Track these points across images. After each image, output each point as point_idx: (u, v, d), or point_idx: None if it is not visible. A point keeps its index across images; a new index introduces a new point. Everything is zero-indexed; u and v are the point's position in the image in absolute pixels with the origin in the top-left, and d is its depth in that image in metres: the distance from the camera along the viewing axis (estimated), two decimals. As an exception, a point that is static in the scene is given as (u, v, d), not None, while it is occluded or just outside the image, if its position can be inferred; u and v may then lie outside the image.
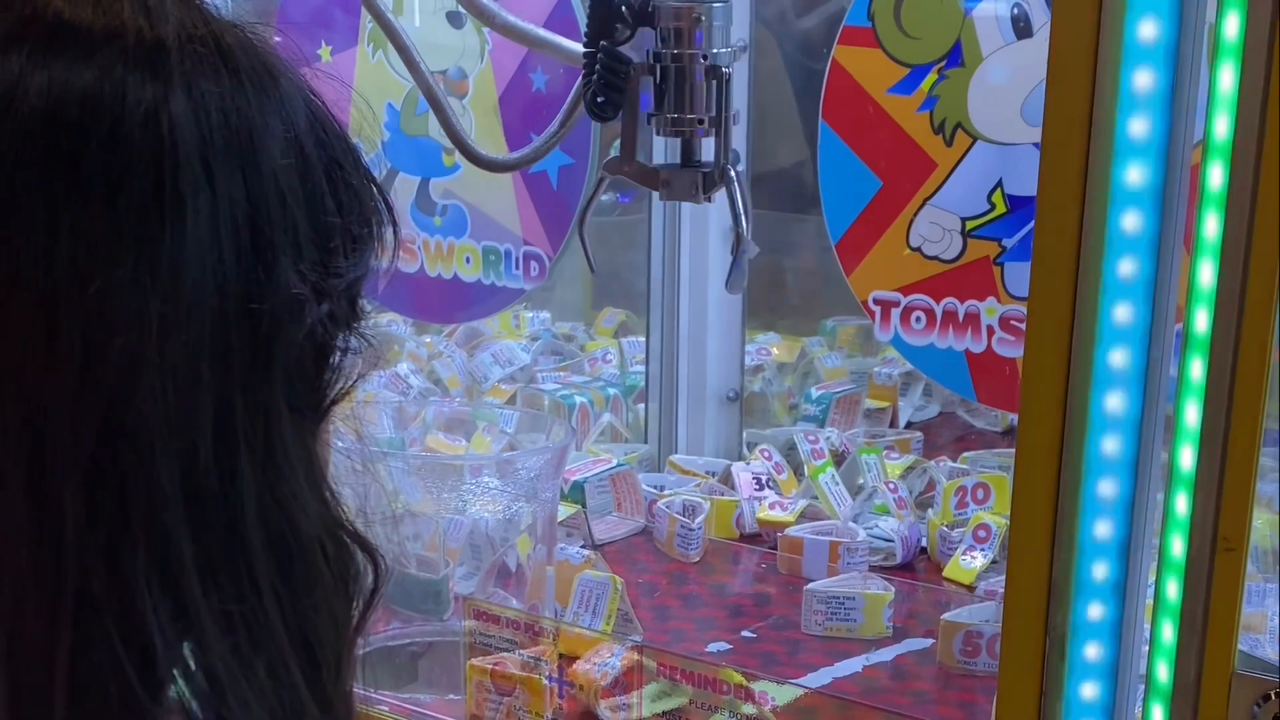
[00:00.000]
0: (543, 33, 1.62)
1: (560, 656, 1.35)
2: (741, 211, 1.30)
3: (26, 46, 0.56)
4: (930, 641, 1.51)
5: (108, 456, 0.56)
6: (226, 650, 0.60)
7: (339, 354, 0.64)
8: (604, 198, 1.44)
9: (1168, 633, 1.00)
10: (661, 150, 1.40)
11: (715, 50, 1.28)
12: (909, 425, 2.09)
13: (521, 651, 1.34)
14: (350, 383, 0.66)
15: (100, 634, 0.57)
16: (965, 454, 1.91)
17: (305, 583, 0.62)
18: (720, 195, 1.32)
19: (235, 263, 0.58)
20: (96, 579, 0.57)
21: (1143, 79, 0.95)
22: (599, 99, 1.29)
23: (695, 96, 1.28)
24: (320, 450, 0.65)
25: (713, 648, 1.50)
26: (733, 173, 1.30)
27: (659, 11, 1.27)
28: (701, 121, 1.29)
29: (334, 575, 0.64)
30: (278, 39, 0.66)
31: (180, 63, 0.58)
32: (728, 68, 1.29)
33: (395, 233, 0.67)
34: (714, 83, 1.28)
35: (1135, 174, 0.96)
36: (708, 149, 1.31)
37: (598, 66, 1.28)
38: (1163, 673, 1.00)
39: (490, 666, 1.33)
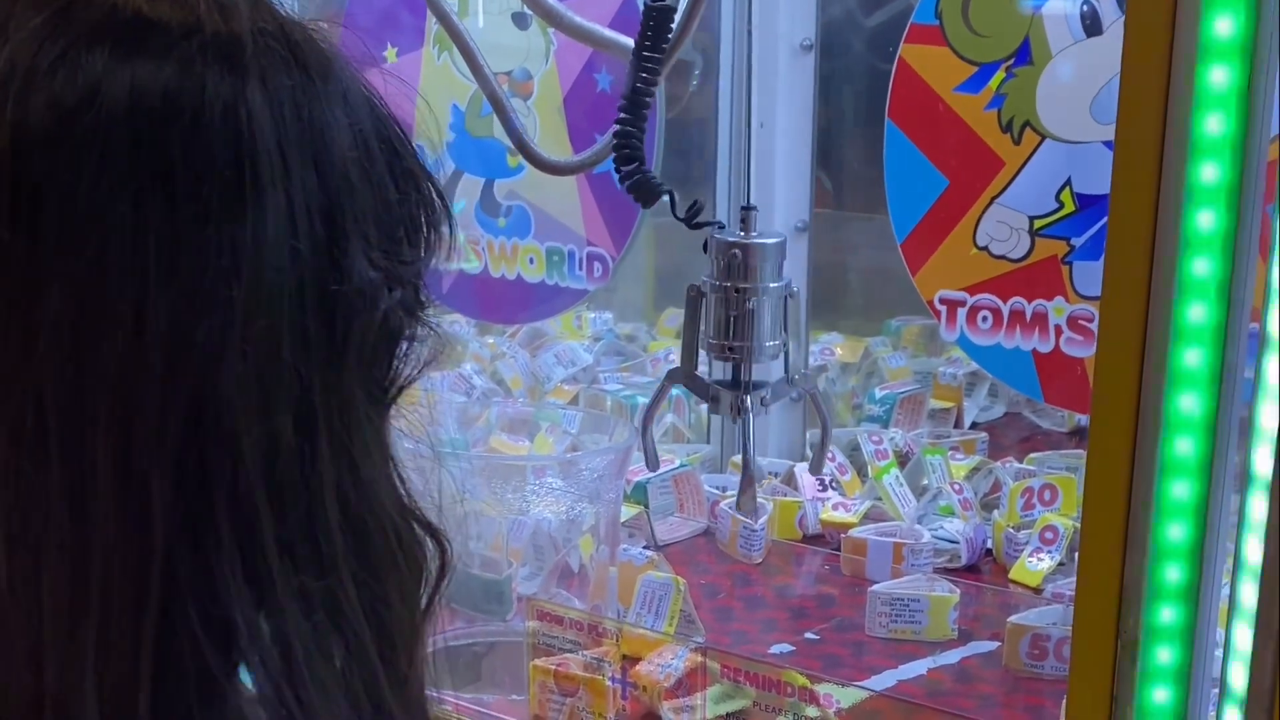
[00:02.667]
0: (608, 33, 1.62)
1: (623, 658, 1.35)
2: (828, 420, 1.41)
3: (108, 44, 0.57)
4: (996, 644, 1.49)
5: (193, 440, 0.58)
6: (306, 630, 0.60)
7: (407, 341, 0.65)
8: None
9: (1243, 637, 0.98)
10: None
11: (768, 284, 1.33)
12: (974, 426, 2.07)
13: (585, 652, 1.34)
14: (417, 370, 0.67)
15: (183, 614, 0.58)
16: (1031, 455, 1.89)
17: (380, 565, 0.63)
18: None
19: (311, 249, 0.59)
20: (182, 561, 0.58)
21: (1218, 75, 0.93)
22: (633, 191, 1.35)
23: (741, 324, 1.33)
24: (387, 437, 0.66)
25: (776, 649, 1.50)
26: (817, 386, 1.40)
27: (712, 244, 1.34)
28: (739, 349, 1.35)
29: (406, 560, 0.65)
30: (342, 35, 0.67)
31: (255, 57, 0.59)
32: (793, 293, 1.36)
33: (451, 226, 0.68)
34: (783, 304, 1.35)
35: (1210, 171, 0.94)
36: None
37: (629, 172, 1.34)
38: (1238, 678, 0.99)
39: (553, 667, 1.33)
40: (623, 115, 1.31)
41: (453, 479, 1.40)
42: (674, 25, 1.28)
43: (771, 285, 1.32)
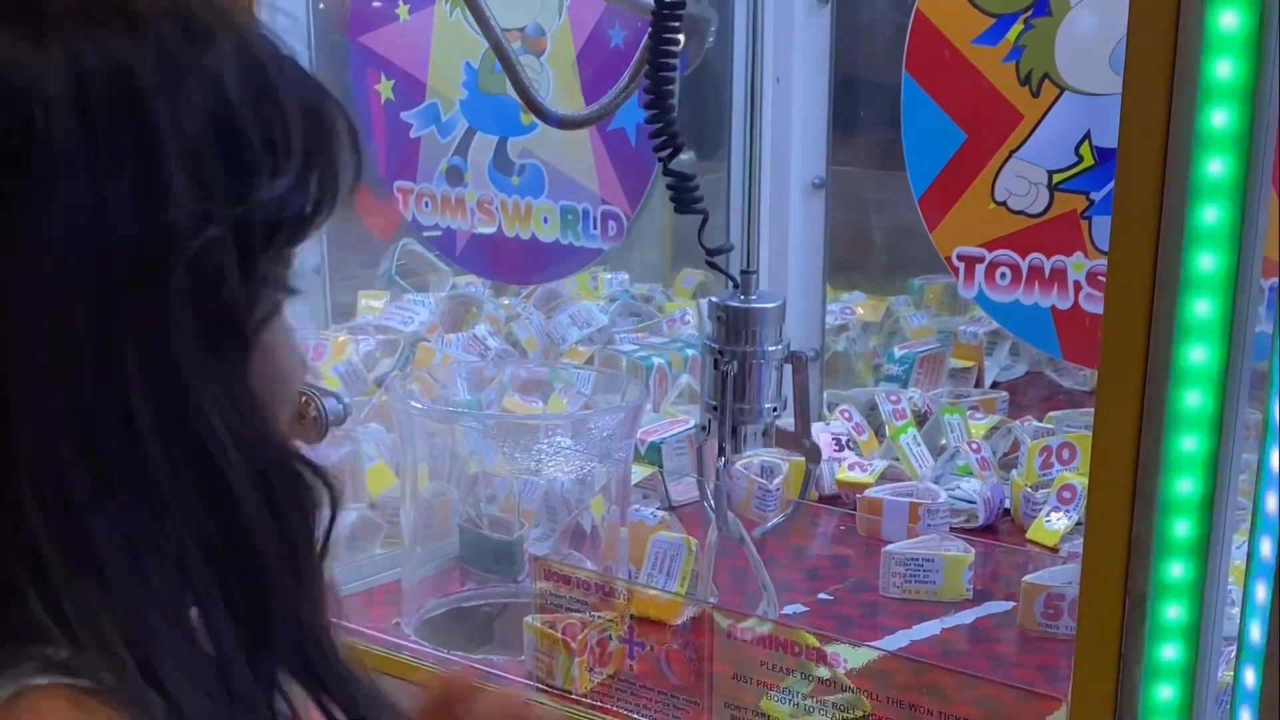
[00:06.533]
0: (619, -13, 1.60)
1: (632, 618, 1.34)
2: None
3: None
4: (1011, 604, 1.48)
5: None
6: (125, 557, 0.61)
7: (259, 281, 0.66)
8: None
9: (1260, 593, 0.96)
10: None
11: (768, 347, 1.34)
12: (995, 385, 2.06)
13: (595, 613, 1.32)
14: (271, 310, 0.67)
15: None
16: (1051, 414, 1.87)
17: (223, 497, 0.64)
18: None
19: (120, 192, 0.60)
20: None
21: (1228, 20, 0.91)
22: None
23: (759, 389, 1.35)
24: (259, 378, 0.67)
25: (789, 610, 1.48)
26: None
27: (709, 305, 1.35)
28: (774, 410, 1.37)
29: (279, 498, 0.66)
30: None
31: (61, 21, 0.61)
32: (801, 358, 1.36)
33: (357, 173, 0.70)
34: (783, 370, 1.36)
35: (1220, 118, 0.92)
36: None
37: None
38: (1255, 634, 0.97)
39: (539, 624, 1.32)
40: (651, 110, 1.30)
41: (465, 441, 1.38)
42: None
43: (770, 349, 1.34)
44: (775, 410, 1.36)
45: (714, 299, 1.35)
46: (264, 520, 0.65)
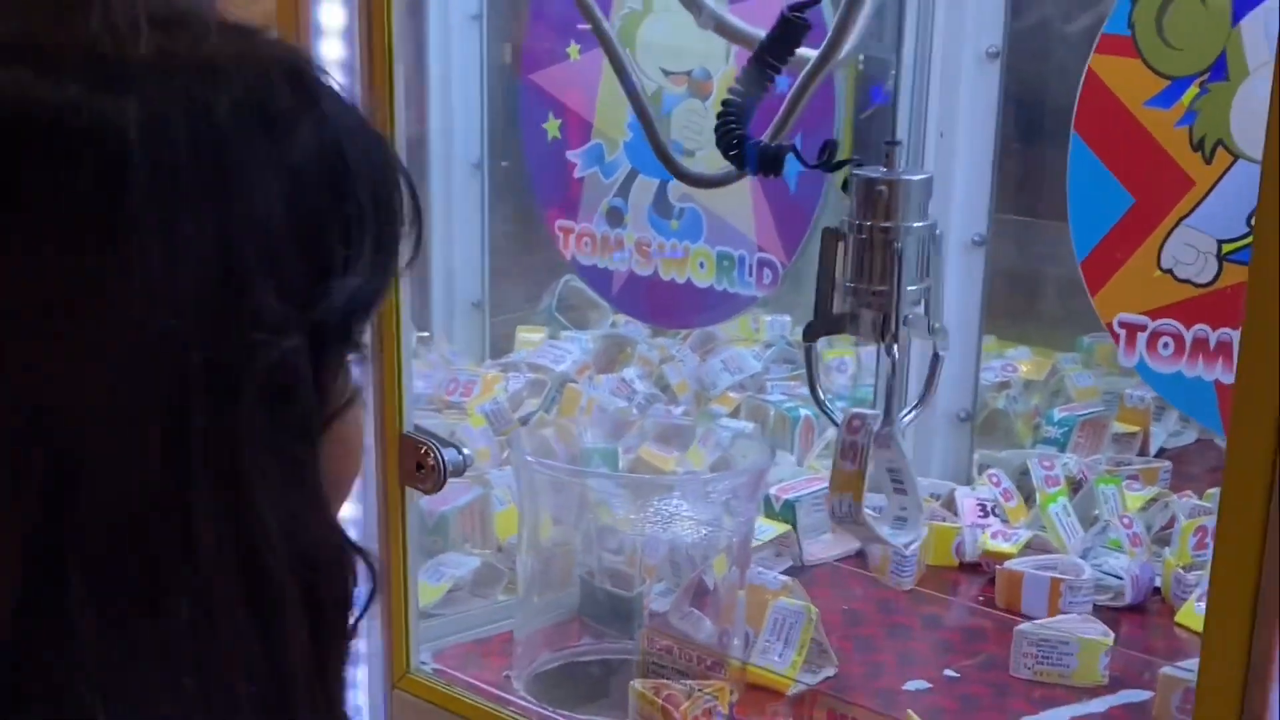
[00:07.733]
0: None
1: (747, 687, 1.31)
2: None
3: None
4: (1149, 694, 1.41)
5: (51, 482, 0.55)
6: (164, 669, 0.57)
7: (332, 373, 0.63)
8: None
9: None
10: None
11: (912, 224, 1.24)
12: (1162, 452, 1.97)
13: (688, 681, 1.30)
14: (340, 400, 0.64)
15: (36, 662, 0.56)
16: (1211, 490, 1.78)
17: (271, 612, 0.60)
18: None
19: (195, 290, 0.56)
20: (36, 604, 0.55)
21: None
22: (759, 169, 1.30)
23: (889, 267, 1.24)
24: (326, 470, 0.63)
25: (910, 686, 1.44)
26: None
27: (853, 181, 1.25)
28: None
29: (315, 598, 0.62)
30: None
31: (145, 85, 0.56)
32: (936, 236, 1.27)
33: (417, 244, 0.66)
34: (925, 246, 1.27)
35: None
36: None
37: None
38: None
39: (642, 689, 1.30)
40: (726, 109, 1.25)
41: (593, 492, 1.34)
42: (799, 41, 1.23)
43: (915, 225, 1.23)
44: (918, 292, 1.27)
45: (856, 172, 1.26)
46: (302, 630, 0.61)
